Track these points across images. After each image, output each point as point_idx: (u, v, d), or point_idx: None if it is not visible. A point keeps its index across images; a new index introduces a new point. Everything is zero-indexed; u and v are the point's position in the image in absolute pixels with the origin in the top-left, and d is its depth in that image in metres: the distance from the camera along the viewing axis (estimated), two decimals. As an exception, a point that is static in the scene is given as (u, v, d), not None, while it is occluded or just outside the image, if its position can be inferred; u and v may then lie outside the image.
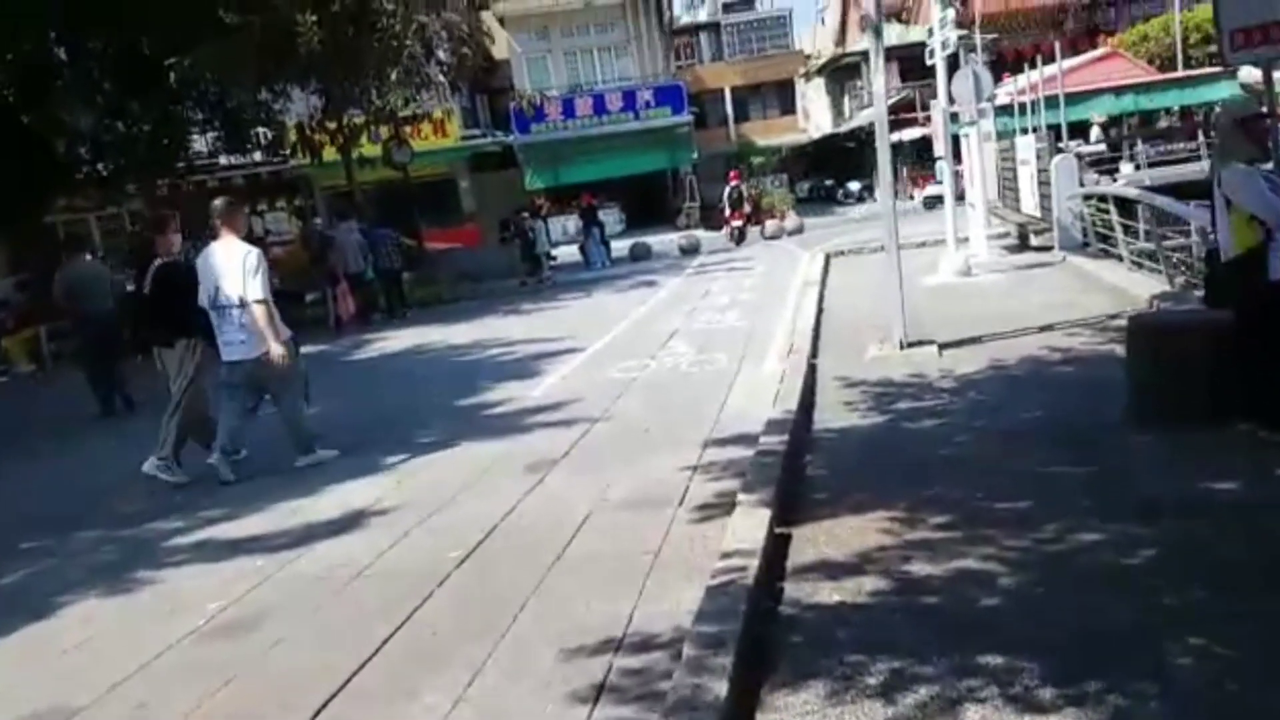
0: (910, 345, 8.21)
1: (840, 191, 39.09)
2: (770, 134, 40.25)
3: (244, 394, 6.37)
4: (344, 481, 6.08)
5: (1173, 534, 3.91)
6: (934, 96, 13.34)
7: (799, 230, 21.83)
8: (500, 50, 31.31)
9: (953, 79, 12.81)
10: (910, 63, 39.20)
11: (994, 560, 3.82)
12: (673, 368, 8.79)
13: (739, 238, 21.44)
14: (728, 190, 22.53)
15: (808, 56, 46.82)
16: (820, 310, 10.72)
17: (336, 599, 4.23)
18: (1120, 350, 7.52)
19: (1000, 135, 16.89)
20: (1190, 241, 11.09)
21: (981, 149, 13.98)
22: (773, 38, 47.79)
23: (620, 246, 22.47)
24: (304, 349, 7.21)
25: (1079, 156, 13.95)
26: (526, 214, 19.86)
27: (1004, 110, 19.78)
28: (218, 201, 6.38)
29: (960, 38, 36.92)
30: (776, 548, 4.14)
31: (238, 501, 5.87)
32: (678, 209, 30.74)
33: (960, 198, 13.64)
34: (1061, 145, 14.61)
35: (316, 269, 15.76)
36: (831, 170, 40.75)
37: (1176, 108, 30.35)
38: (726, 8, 46.85)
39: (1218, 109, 28.79)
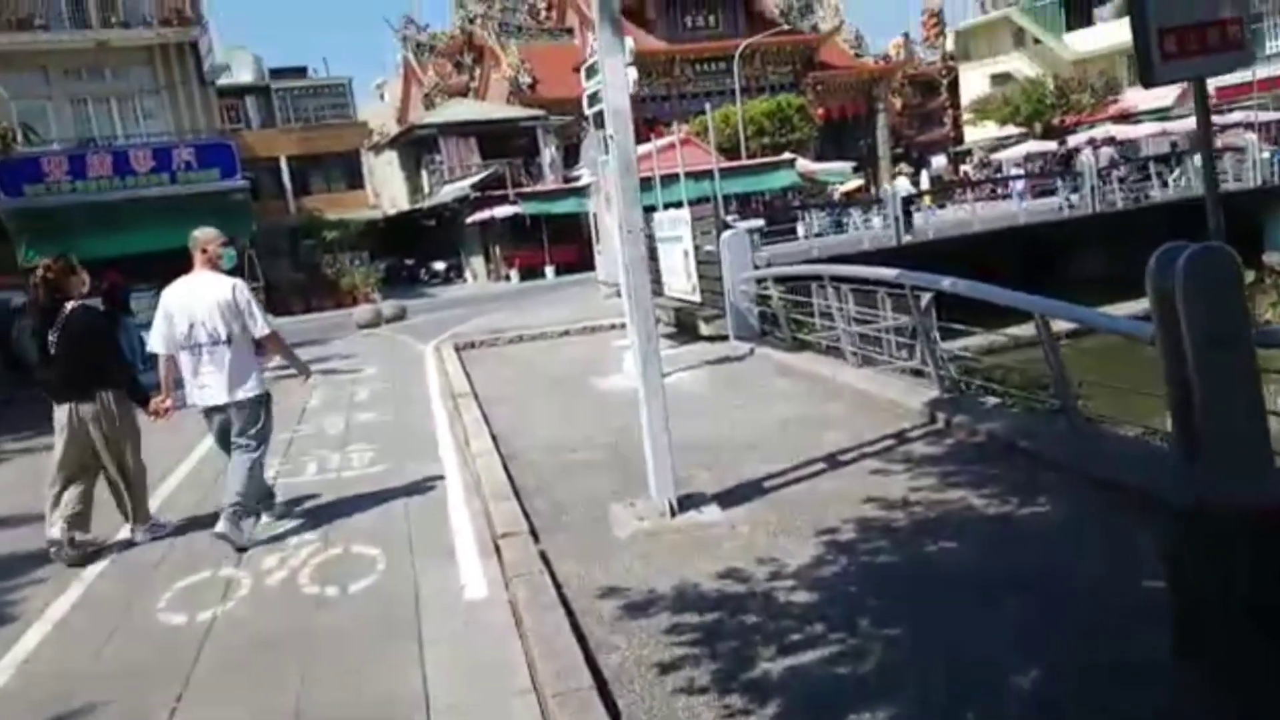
0: (681, 508, 5.26)
1: (423, 271, 36.39)
2: (337, 208, 35.80)
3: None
4: None
5: None
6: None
7: (400, 316, 18.16)
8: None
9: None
10: (487, 141, 37.78)
11: None
12: (286, 588, 4.70)
13: None
14: None
15: (371, 130, 43.59)
16: (494, 439, 7.35)
17: None
18: (976, 500, 5.25)
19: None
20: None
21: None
22: (332, 106, 44.30)
23: (159, 340, 16.90)
24: None
25: (750, 232, 12.36)
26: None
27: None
28: (199, 232, 5.59)
29: (538, 118, 35.86)
30: None
31: None
32: (235, 292, 25.25)
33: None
34: (727, 220, 12.94)
35: None
36: (409, 249, 37.75)
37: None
38: (275, 73, 41.92)
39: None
